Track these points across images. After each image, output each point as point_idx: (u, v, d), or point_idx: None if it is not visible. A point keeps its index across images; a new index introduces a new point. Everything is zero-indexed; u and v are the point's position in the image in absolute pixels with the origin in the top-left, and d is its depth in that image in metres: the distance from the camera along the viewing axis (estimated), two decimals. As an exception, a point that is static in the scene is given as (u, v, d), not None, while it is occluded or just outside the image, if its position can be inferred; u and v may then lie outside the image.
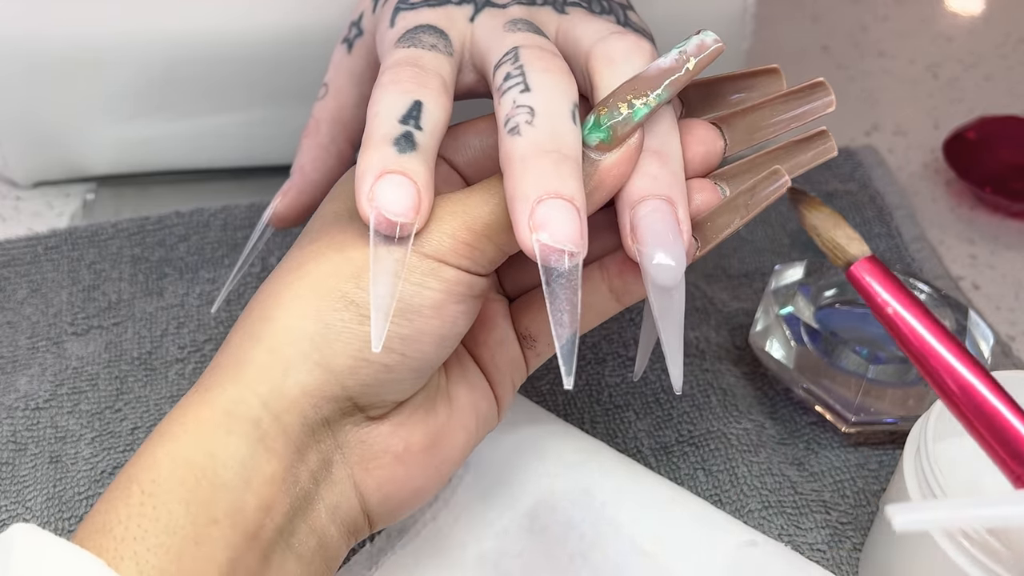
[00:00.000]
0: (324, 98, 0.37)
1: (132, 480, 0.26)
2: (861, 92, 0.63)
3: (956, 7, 0.71)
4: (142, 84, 0.49)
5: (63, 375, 0.42)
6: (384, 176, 0.27)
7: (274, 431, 0.27)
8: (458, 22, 0.32)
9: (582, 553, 0.35)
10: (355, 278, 0.28)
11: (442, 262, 0.28)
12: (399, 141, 0.27)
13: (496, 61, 0.30)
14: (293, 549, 0.28)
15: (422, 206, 0.27)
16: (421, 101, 0.28)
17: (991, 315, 0.49)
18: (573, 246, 0.26)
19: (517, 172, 0.27)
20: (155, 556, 0.25)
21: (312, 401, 0.28)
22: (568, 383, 0.26)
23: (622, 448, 0.40)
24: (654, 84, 0.29)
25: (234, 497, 0.26)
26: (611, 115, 0.28)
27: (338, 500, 0.29)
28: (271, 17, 0.47)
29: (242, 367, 0.28)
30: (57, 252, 0.47)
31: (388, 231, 0.27)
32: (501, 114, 0.28)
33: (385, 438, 0.29)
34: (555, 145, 0.27)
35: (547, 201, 0.26)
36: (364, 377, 0.28)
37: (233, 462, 0.26)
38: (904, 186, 0.55)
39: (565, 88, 0.29)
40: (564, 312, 0.26)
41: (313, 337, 0.28)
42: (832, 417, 0.41)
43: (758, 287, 0.48)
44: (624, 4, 0.35)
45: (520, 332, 0.33)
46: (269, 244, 0.48)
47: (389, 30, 0.32)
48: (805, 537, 0.38)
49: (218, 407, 0.27)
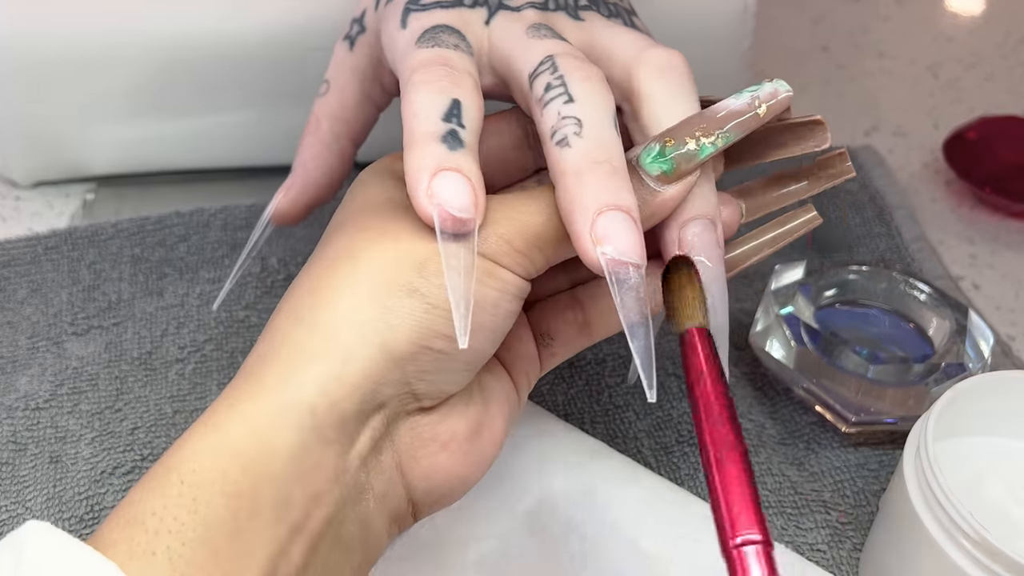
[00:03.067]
0: (325, 95, 0.37)
1: (171, 470, 0.25)
2: (861, 92, 0.63)
3: (956, 7, 0.71)
4: (142, 84, 0.49)
5: (63, 375, 0.42)
6: (440, 173, 0.27)
7: (330, 419, 0.27)
8: (473, 25, 0.32)
9: (582, 554, 0.35)
10: (418, 268, 0.28)
11: (498, 264, 0.28)
12: (447, 139, 0.28)
13: (532, 71, 0.30)
14: (341, 540, 0.27)
15: (479, 202, 0.27)
16: (459, 99, 0.28)
17: (991, 315, 0.49)
18: (637, 258, 0.27)
19: (572, 185, 0.27)
20: (190, 550, 0.24)
21: (372, 386, 0.27)
22: (651, 396, 0.26)
23: (622, 448, 0.40)
24: (723, 125, 0.29)
25: (281, 489, 0.26)
26: (677, 148, 0.29)
27: (386, 489, 0.29)
28: (271, 17, 0.47)
29: (296, 354, 0.27)
30: (57, 252, 0.47)
31: (453, 227, 0.27)
32: (547, 126, 0.29)
33: (434, 427, 0.30)
34: (606, 156, 0.28)
35: (607, 213, 0.27)
36: (424, 364, 0.28)
37: (284, 453, 0.26)
38: (904, 186, 0.55)
39: (605, 97, 0.29)
40: (638, 325, 0.27)
41: (375, 322, 0.27)
42: (832, 417, 0.41)
43: (758, 287, 0.48)
44: (628, 9, 0.35)
45: (539, 331, 0.33)
46: (270, 245, 0.48)
47: (401, 31, 0.32)
48: (805, 537, 0.38)
49: (271, 396, 0.27)
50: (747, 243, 0.34)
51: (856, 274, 0.44)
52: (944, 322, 0.42)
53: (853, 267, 0.44)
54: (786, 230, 0.34)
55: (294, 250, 0.48)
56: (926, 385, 0.39)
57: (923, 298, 0.43)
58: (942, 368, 0.40)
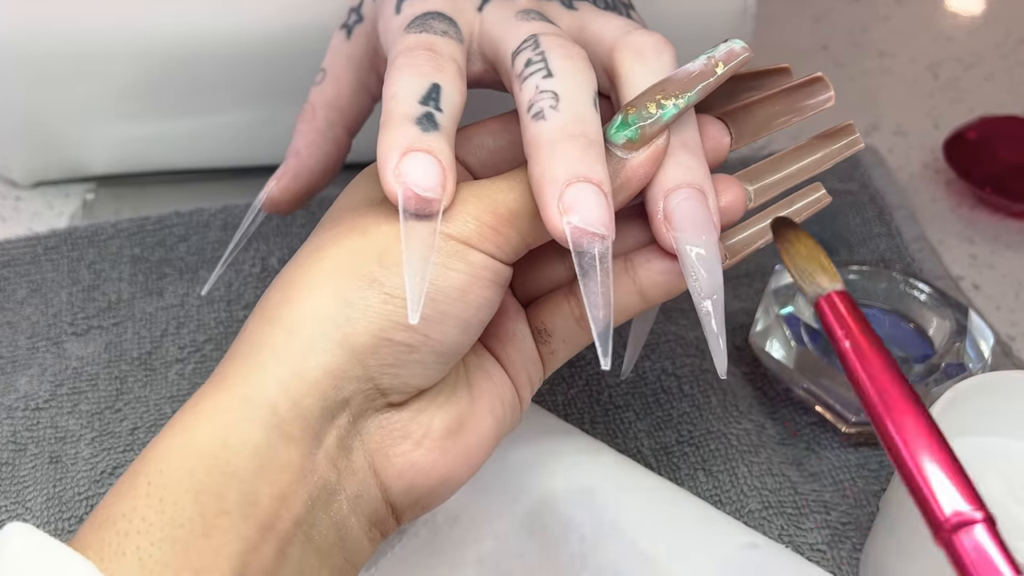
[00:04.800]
0: (321, 83, 0.37)
1: (139, 472, 0.25)
2: (861, 92, 0.63)
3: (956, 7, 0.71)
4: (142, 84, 0.49)
5: (63, 375, 0.42)
6: (410, 153, 0.27)
7: (292, 416, 0.27)
8: (466, 11, 0.32)
9: (582, 554, 0.35)
10: (379, 257, 0.27)
11: (467, 245, 0.28)
12: (421, 121, 0.27)
13: (514, 48, 0.30)
14: (313, 542, 0.27)
15: (448, 184, 0.27)
16: (439, 84, 0.28)
17: (991, 315, 0.49)
18: (604, 229, 0.26)
19: (544, 156, 0.27)
20: (159, 550, 0.24)
21: (333, 382, 0.27)
22: (605, 363, 0.26)
23: (622, 448, 0.40)
24: (683, 87, 0.29)
25: (247, 487, 0.25)
26: (640, 115, 0.28)
27: (359, 490, 0.28)
28: (271, 16, 0.47)
29: (260, 351, 0.27)
30: (57, 252, 0.47)
31: (417, 207, 0.27)
32: (524, 99, 0.28)
33: (405, 424, 0.29)
34: (581, 129, 0.27)
35: (576, 184, 0.26)
36: (386, 357, 0.27)
37: (247, 450, 0.26)
38: (904, 186, 0.55)
39: (586, 75, 0.29)
40: (598, 295, 0.26)
41: (334, 316, 0.27)
42: (832, 417, 0.41)
43: (758, 287, 0.48)
44: (626, 3, 0.35)
45: (535, 326, 0.33)
46: (270, 245, 0.48)
47: (395, 17, 0.32)
48: (805, 537, 0.38)
49: (234, 393, 0.27)
50: (753, 225, 0.33)
51: (856, 274, 0.44)
52: (944, 322, 0.42)
53: (853, 267, 0.44)
54: (793, 211, 0.33)
55: (294, 249, 0.48)
56: (926, 385, 0.39)
57: (923, 298, 0.43)
58: (942, 368, 0.40)
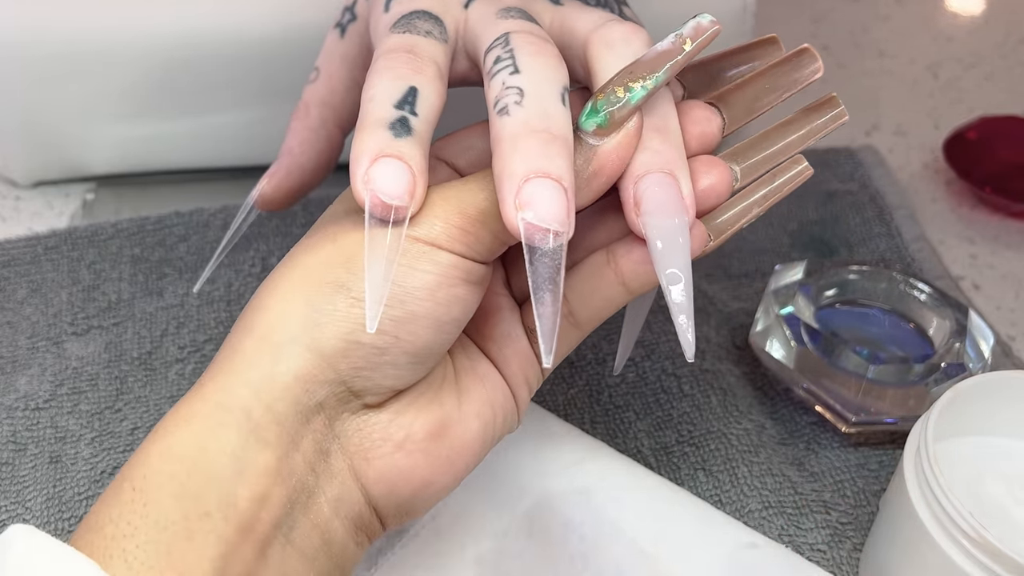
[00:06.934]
0: (315, 82, 0.37)
1: (124, 478, 0.26)
2: (861, 92, 0.63)
3: (956, 7, 0.71)
4: (142, 84, 0.49)
5: (63, 375, 0.42)
6: (380, 159, 0.27)
7: (266, 420, 0.27)
8: (452, 8, 0.32)
9: (582, 554, 0.35)
10: (346, 263, 0.28)
11: (434, 246, 0.28)
12: (394, 125, 0.27)
13: (487, 46, 0.30)
14: (294, 545, 0.28)
15: (417, 190, 0.27)
16: (416, 87, 0.28)
17: (991, 315, 0.49)
18: (558, 225, 0.26)
19: (506, 151, 0.27)
20: (144, 552, 0.25)
21: (304, 386, 0.28)
22: (546, 361, 0.26)
23: (622, 448, 0.40)
24: (651, 67, 0.28)
25: (226, 489, 0.26)
26: (608, 100, 0.28)
27: (340, 493, 0.29)
28: (271, 17, 0.47)
29: (233, 358, 0.28)
30: (57, 252, 0.47)
31: (383, 214, 0.27)
32: (491, 96, 0.28)
33: (384, 426, 0.29)
34: (544, 125, 0.27)
35: (534, 180, 0.26)
36: (356, 360, 0.28)
37: (224, 454, 0.26)
38: (904, 186, 0.55)
39: (555, 71, 0.29)
40: (546, 291, 0.26)
41: (303, 321, 0.28)
42: (832, 417, 0.41)
43: (758, 287, 0.48)
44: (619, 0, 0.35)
45: (529, 326, 0.33)
46: (270, 245, 0.48)
47: (384, 15, 0.32)
48: (805, 537, 0.38)
49: (209, 399, 0.27)
50: (734, 206, 0.32)
51: (856, 274, 0.44)
52: (944, 322, 0.42)
53: (853, 267, 0.44)
54: (775, 186, 0.32)
55: (294, 250, 0.48)
56: (926, 385, 0.39)
57: (923, 298, 0.43)
58: (942, 368, 0.40)
